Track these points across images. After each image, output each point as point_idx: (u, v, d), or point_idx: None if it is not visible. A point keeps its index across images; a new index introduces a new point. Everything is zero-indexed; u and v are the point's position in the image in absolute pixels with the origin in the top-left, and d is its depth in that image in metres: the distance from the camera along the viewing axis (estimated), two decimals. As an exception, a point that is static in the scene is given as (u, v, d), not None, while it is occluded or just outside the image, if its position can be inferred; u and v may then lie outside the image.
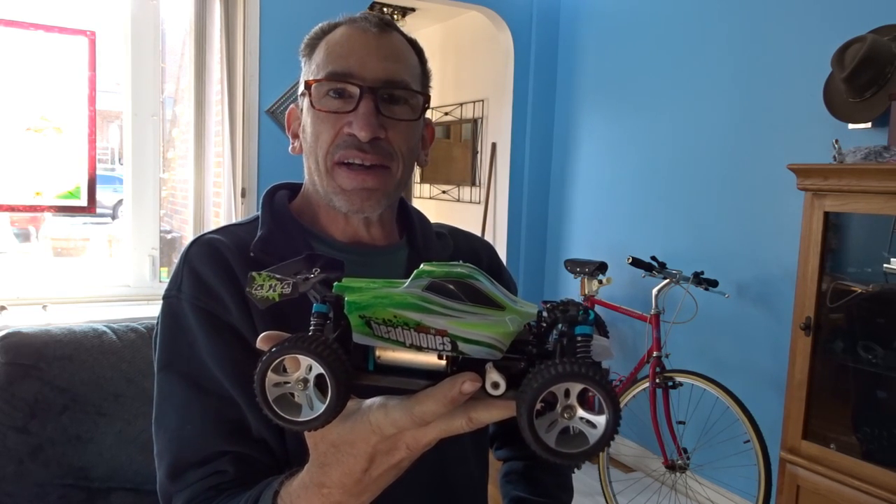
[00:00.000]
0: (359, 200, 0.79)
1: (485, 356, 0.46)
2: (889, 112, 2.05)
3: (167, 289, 0.79)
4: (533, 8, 3.79)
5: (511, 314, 0.47)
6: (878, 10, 2.29)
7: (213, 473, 0.70)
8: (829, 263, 2.05)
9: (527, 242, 3.94)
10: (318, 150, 0.80)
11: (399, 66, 0.80)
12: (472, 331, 0.46)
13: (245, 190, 3.03)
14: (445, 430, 0.49)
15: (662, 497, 2.83)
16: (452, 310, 0.47)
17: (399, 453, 0.52)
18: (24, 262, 3.01)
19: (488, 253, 1.00)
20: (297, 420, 0.48)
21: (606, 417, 0.43)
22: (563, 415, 0.44)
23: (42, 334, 1.11)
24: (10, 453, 1.04)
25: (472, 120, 4.59)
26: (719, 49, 2.90)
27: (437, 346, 0.47)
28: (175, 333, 0.76)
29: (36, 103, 2.66)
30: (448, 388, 0.46)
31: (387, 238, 0.88)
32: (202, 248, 0.79)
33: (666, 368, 2.66)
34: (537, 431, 0.44)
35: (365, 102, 0.76)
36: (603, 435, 0.44)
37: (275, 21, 3.05)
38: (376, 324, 0.48)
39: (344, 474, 0.53)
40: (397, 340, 0.48)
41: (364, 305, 0.48)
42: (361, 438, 0.51)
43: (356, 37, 0.80)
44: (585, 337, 0.46)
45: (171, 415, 0.74)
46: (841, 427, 2.08)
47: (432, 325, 0.47)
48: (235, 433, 0.72)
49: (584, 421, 0.44)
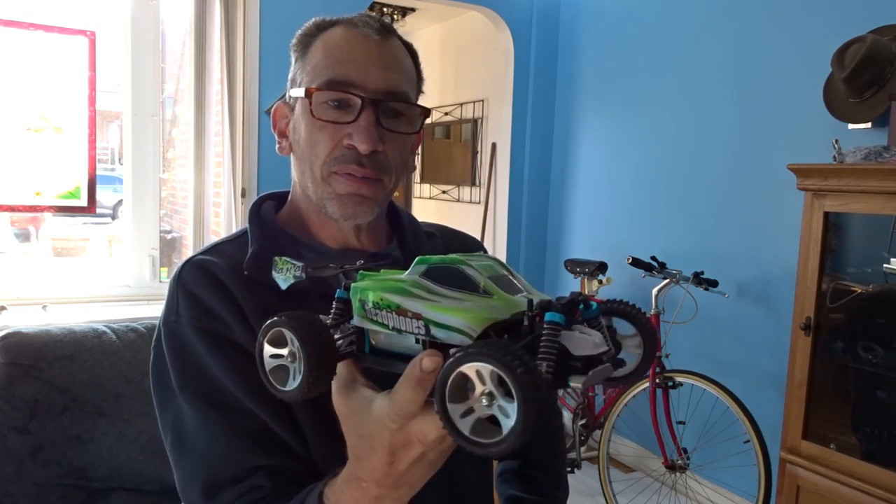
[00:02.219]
0: (352, 205, 0.78)
1: (456, 342, 0.45)
2: (889, 112, 2.05)
3: (164, 315, 0.77)
4: (533, 8, 3.79)
5: (498, 302, 0.46)
6: (878, 10, 2.29)
7: (251, 490, 0.69)
8: (829, 263, 2.04)
9: (527, 242, 3.94)
10: (313, 159, 0.78)
11: (399, 77, 0.78)
12: (444, 315, 0.46)
13: (245, 190, 3.03)
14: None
15: (662, 497, 2.83)
16: (435, 294, 0.47)
17: (416, 447, 0.51)
18: (24, 262, 3.01)
19: (478, 251, 1.00)
20: (282, 389, 0.50)
21: (517, 403, 0.38)
22: (481, 401, 0.40)
23: (42, 334, 1.11)
24: (10, 453, 1.04)
25: (472, 120, 4.59)
26: (719, 49, 2.90)
27: (413, 330, 0.47)
28: (183, 358, 0.74)
29: (36, 103, 2.66)
30: (411, 369, 0.46)
31: (376, 244, 0.87)
32: (194, 271, 0.77)
33: (666, 368, 2.66)
34: (450, 416, 0.41)
35: (366, 115, 0.75)
36: (514, 425, 0.39)
37: (275, 21, 3.05)
38: (367, 306, 0.49)
39: (373, 468, 0.53)
40: (382, 323, 0.49)
41: (362, 288, 0.50)
42: (375, 431, 0.51)
43: (357, 42, 0.77)
44: (553, 325, 0.42)
45: (195, 438, 0.72)
46: (841, 427, 2.08)
47: (409, 308, 0.47)
48: (263, 445, 0.71)
49: (501, 410, 0.40)
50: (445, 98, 4.91)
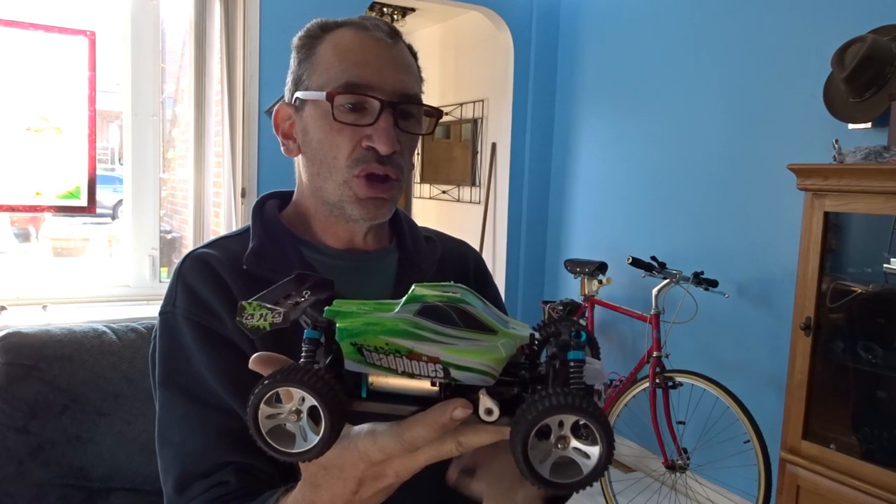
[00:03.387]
0: (373, 208, 0.80)
1: (478, 382, 0.46)
2: (889, 112, 2.05)
3: (162, 305, 0.79)
4: (533, 8, 3.79)
5: (504, 338, 0.47)
6: (878, 10, 2.29)
7: (217, 485, 0.70)
8: (829, 263, 2.04)
9: (527, 242, 3.94)
10: (332, 161, 0.79)
11: (412, 79, 0.81)
12: (465, 358, 0.46)
13: (245, 190, 3.03)
14: (435, 455, 0.49)
15: (662, 497, 2.83)
16: (444, 336, 0.47)
17: (387, 479, 0.52)
18: (24, 262, 3.01)
19: (475, 258, 1.01)
20: (291, 452, 0.47)
21: (600, 449, 0.44)
22: (556, 445, 0.45)
23: (42, 334, 1.11)
24: (10, 453, 1.04)
25: (472, 120, 4.59)
26: (719, 49, 2.90)
27: (429, 373, 0.47)
28: (172, 349, 0.77)
29: (36, 103, 2.66)
30: (439, 414, 0.46)
31: (379, 243, 0.89)
32: (195, 264, 0.79)
33: (666, 368, 2.66)
34: (531, 463, 0.44)
35: (385, 117, 0.77)
36: (596, 466, 0.44)
37: (275, 21, 3.05)
38: (368, 351, 0.47)
39: (334, 496, 0.53)
40: (389, 368, 0.47)
41: (355, 332, 0.47)
42: (350, 464, 0.51)
43: (370, 45, 0.79)
44: (578, 363, 0.46)
45: (173, 430, 0.74)
46: (841, 427, 2.08)
47: (424, 353, 0.46)
48: (237, 444, 0.72)
49: (578, 451, 0.44)
50: (445, 98, 4.91)
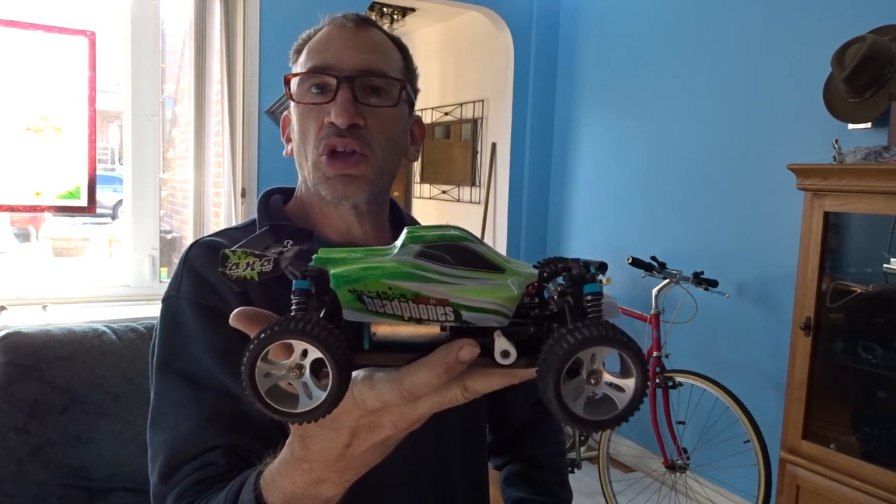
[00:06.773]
0: (341, 186, 0.81)
1: (491, 323, 0.43)
2: (889, 112, 2.05)
3: (166, 292, 0.79)
4: (533, 8, 3.79)
5: (512, 276, 0.43)
6: (878, 10, 2.29)
7: (204, 467, 0.69)
8: (829, 263, 2.04)
9: (527, 242, 3.94)
10: (305, 145, 0.83)
11: (376, 58, 0.82)
12: (476, 297, 0.42)
13: (245, 190, 3.03)
14: (438, 402, 0.45)
15: (662, 497, 2.83)
16: (451, 276, 0.43)
17: (383, 431, 0.48)
18: (24, 262, 3.02)
19: None
20: (296, 412, 0.42)
21: (635, 381, 0.41)
22: (589, 381, 0.41)
23: (42, 334, 1.11)
24: (10, 453, 1.04)
25: (472, 120, 4.59)
26: (719, 49, 2.90)
27: (438, 317, 0.43)
28: (172, 333, 0.77)
29: (36, 103, 2.66)
30: (444, 356, 0.42)
31: (379, 236, 0.89)
32: (202, 250, 0.80)
33: (666, 368, 2.66)
34: (565, 401, 0.40)
35: (342, 91, 0.79)
36: (632, 399, 0.41)
37: (275, 21, 3.05)
38: (369, 298, 0.43)
39: (325, 449, 0.50)
40: (394, 314, 0.43)
41: (354, 278, 0.43)
42: (343, 412, 0.46)
43: (333, 33, 0.83)
44: (595, 295, 0.42)
45: (167, 414, 0.74)
46: (841, 427, 2.08)
47: (432, 295, 0.42)
48: (231, 426, 0.71)
49: (612, 385, 0.41)
50: (445, 98, 4.91)
